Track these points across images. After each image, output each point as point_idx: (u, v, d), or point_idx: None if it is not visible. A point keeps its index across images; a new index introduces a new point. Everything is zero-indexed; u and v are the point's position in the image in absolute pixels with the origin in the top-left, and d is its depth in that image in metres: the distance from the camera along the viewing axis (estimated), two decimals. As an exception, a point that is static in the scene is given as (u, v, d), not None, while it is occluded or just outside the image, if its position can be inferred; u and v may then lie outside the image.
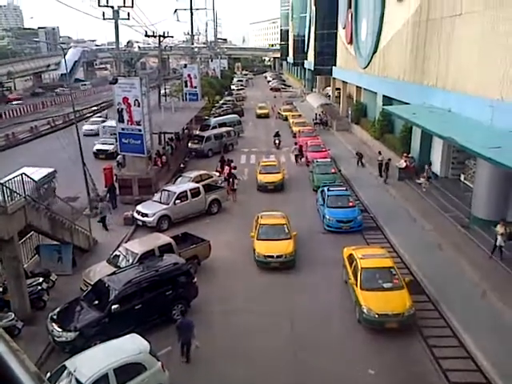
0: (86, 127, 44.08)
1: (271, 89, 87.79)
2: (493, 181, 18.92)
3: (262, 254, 17.53)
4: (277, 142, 38.41)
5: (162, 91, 42.94)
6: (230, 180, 26.48)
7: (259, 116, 55.57)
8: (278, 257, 17.38)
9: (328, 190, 22.51)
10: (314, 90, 75.60)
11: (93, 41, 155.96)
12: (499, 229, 16.54)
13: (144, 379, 10.68)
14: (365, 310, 13.40)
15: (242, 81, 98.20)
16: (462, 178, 24.69)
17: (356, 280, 14.35)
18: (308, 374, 11.86)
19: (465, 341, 12.77)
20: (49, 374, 10.45)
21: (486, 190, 19.29)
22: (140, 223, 21.96)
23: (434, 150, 26.91)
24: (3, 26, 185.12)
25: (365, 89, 41.34)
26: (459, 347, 12.66)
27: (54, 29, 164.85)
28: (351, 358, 12.47)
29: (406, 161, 27.03)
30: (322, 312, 14.58)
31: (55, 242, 17.76)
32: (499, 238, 16.54)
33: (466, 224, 20.03)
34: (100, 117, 50.29)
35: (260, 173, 27.86)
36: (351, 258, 15.63)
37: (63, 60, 35.23)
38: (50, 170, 24.12)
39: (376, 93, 36.08)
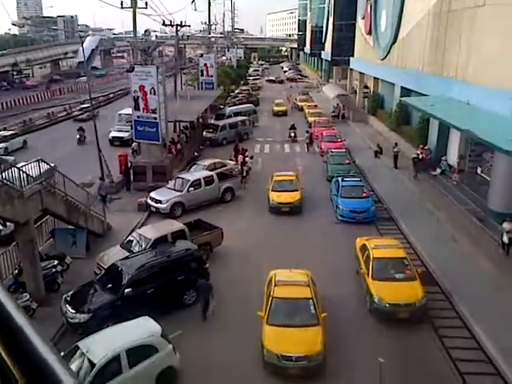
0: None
1: (287, 79, 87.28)
2: (510, 174, 18.63)
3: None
4: (292, 134, 37.41)
5: (178, 80, 42.96)
6: (243, 168, 26.57)
7: (276, 114, 49.92)
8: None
9: (342, 180, 22.41)
10: (330, 80, 74.96)
11: (111, 29, 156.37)
12: (506, 226, 16.30)
13: (155, 361, 10.84)
14: (376, 300, 13.38)
15: (258, 70, 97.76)
16: (479, 170, 24.34)
17: (368, 270, 14.33)
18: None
19: (476, 332, 12.69)
20: (62, 354, 10.66)
21: (502, 183, 19.02)
22: (154, 209, 22.13)
23: (451, 142, 26.55)
24: (23, 14, 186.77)
25: (382, 80, 40.88)
26: (470, 338, 12.59)
27: (72, 17, 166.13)
28: (362, 346, 12.46)
29: (422, 152, 26.73)
30: (334, 300, 14.55)
31: (70, 226, 18.02)
32: (505, 235, 16.33)
33: (482, 217, 19.79)
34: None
35: (273, 190, 22.86)
36: (364, 248, 15.59)
37: (81, 48, 35.30)
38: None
39: (393, 84, 35.65)
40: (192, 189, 22.57)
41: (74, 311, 12.88)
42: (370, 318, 13.70)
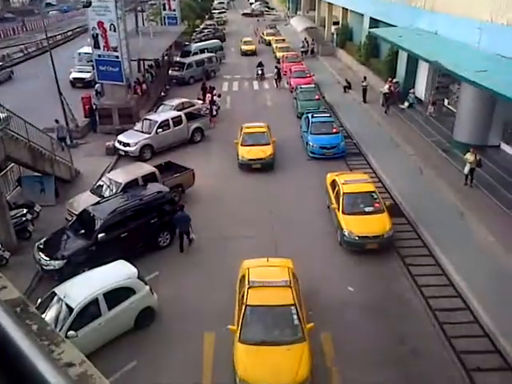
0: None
1: (254, 12, 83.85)
2: (476, 105, 18.90)
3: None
4: (259, 72, 35.72)
5: (140, 17, 40.80)
6: (212, 107, 26.05)
7: (245, 53, 46.30)
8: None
9: (312, 116, 22.32)
10: (298, 12, 72.54)
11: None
12: (469, 156, 16.70)
13: (133, 302, 11.11)
14: (346, 233, 13.84)
15: (223, 3, 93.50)
16: (446, 102, 24.58)
17: (338, 205, 14.67)
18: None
19: (440, 259, 13.39)
20: (39, 301, 10.77)
21: (468, 115, 19.32)
22: (122, 153, 21.73)
23: (419, 75, 26.53)
24: None
25: (351, 11, 39.79)
26: (435, 265, 13.30)
27: None
28: (332, 278, 13.00)
29: (390, 86, 26.66)
30: (306, 236, 14.98)
31: (37, 174, 17.60)
32: (467, 165, 16.78)
33: (447, 148, 20.26)
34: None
35: (242, 144, 20.55)
36: (334, 183, 15.87)
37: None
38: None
39: (362, 15, 34.78)
40: (160, 130, 22.13)
41: (47, 258, 12.88)
42: (340, 250, 14.21)
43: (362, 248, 13.89)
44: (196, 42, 44.84)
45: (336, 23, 46.52)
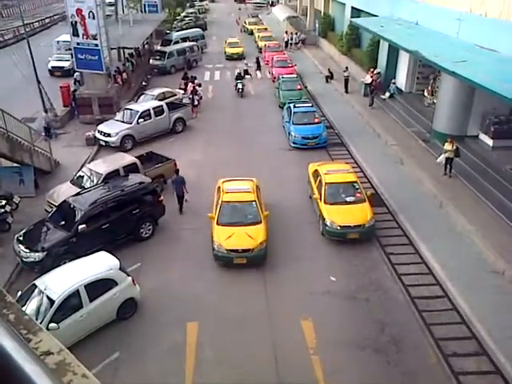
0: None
1: (236, 0, 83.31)
2: (455, 95, 19.14)
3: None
4: (240, 87, 28.94)
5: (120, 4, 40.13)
6: (194, 97, 25.85)
7: (230, 57, 39.48)
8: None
9: (294, 106, 22.34)
10: (280, 1, 72.21)
11: None
12: (447, 146, 16.93)
13: (115, 293, 11.06)
14: (328, 223, 13.96)
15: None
16: (426, 93, 24.83)
17: (320, 195, 14.77)
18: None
19: (419, 248, 13.62)
20: (20, 293, 10.64)
21: (447, 105, 19.56)
22: (103, 143, 21.46)
23: (400, 65, 26.72)
24: None
25: (333, 0, 39.76)
26: (414, 254, 13.52)
27: None
28: (314, 267, 13.14)
29: (372, 76, 26.81)
30: (288, 226, 15.07)
31: (15, 165, 17.29)
32: (442, 155, 17.01)
33: (427, 138, 20.52)
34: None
35: (218, 223, 13.61)
36: (316, 173, 15.95)
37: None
38: None
39: (344, 4, 34.79)
40: (141, 120, 21.90)
41: (27, 250, 12.72)
42: (322, 239, 14.33)
43: (344, 238, 14.03)
44: (177, 31, 44.33)
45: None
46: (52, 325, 9.76)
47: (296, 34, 43.98)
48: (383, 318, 11.25)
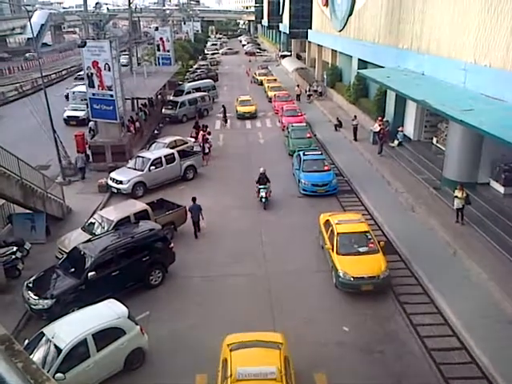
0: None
1: (246, 53, 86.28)
2: (464, 143, 19.26)
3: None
4: (263, 198, 20.17)
5: (134, 56, 41.69)
6: (204, 145, 26.32)
7: (242, 116, 36.83)
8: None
9: (303, 154, 22.59)
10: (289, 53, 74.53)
11: (60, 3, 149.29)
12: (457, 193, 16.92)
13: (123, 343, 10.82)
14: (341, 274, 13.64)
15: (216, 45, 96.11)
16: (435, 141, 25.03)
17: (332, 245, 14.57)
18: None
19: (434, 297, 13.29)
20: (27, 341, 10.47)
21: (457, 152, 19.65)
22: (115, 190, 21.71)
23: (408, 114, 27.12)
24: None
25: (340, 52, 40.99)
26: (429, 303, 13.18)
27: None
28: (327, 317, 12.82)
29: (380, 125, 27.19)
30: (296, 275, 14.86)
31: (28, 211, 17.47)
32: (456, 201, 16.97)
33: (438, 186, 20.49)
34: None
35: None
36: (327, 223, 15.79)
37: (29, 23, 33.47)
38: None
39: (351, 56, 35.82)
40: (153, 168, 22.23)
41: (36, 297, 12.61)
42: (336, 291, 14.02)
43: (358, 289, 13.63)
44: (189, 82, 45.74)
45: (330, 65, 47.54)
46: (58, 375, 9.52)
47: (316, 84, 44.41)
48: (400, 370, 10.84)
